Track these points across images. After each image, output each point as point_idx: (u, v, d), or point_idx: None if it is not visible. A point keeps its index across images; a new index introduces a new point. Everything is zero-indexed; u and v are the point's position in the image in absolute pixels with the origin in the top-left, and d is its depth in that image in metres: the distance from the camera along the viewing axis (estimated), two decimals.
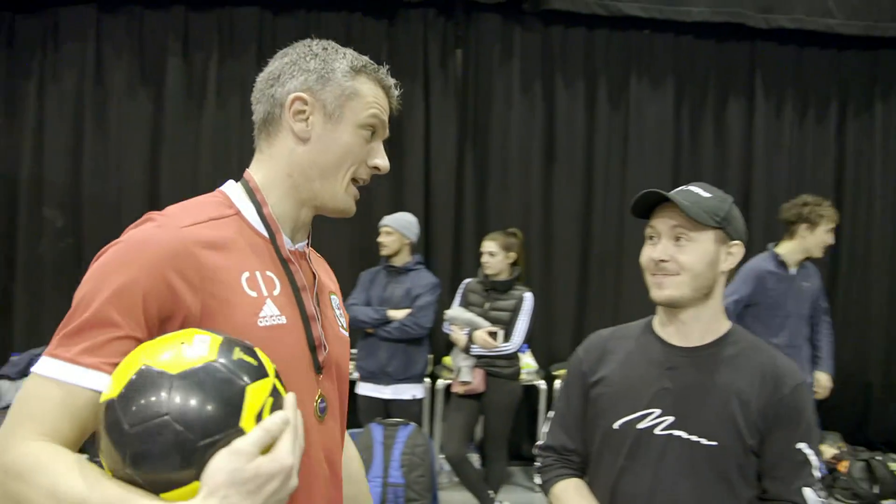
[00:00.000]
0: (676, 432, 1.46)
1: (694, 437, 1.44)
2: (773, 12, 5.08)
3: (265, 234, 1.10)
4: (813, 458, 1.45)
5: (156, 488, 0.79)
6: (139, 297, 0.92)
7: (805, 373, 3.61)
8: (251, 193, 1.12)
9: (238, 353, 0.85)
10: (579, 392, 1.62)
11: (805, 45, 5.35)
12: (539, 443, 1.70)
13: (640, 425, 1.49)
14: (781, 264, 3.70)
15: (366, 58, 1.17)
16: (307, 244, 1.21)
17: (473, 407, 3.91)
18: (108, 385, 0.84)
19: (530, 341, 4.53)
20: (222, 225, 1.05)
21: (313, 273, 1.19)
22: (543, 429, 1.70)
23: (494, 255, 3.89)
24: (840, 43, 5.34)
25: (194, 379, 0.80)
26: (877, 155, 5.46)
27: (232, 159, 4.88)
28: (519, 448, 5.05)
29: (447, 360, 4.48)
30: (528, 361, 4.71)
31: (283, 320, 1.05)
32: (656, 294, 1.51)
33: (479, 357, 3.84)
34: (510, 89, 5.13)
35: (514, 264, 3.99)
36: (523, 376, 4.23)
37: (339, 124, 1.11)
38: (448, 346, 4.27)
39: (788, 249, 3.72)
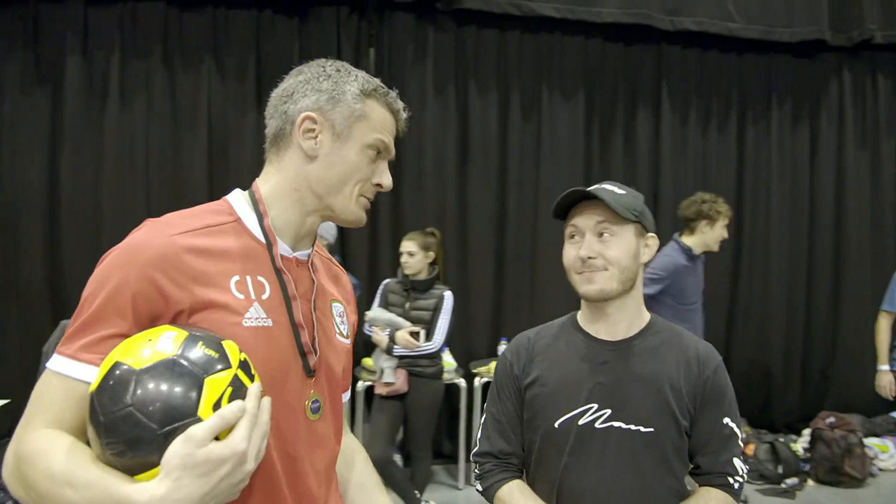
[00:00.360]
0: (616, 423, 1.51)
1: (632, 427, 1.50)
2: (679, 14, 5.29)
3: (264, 241, 1.16)
4: (737, 430, 1.56)
5: (130, 471, 0.88)
6: (129, 297, 1.01)
7: None
8: (255, 203, 1.18)
9: (200, 346, 0.93)
10: (512, 395, 1.64)
11: (707, 48, 5.61)
12: (475, 450, 1.70)
13: (581, 421, 1.53)
14: (691, 256, 3.87)
15: (377, 81, 1.22)
16: (311, 253, 1.25)
17: (397, 408, 3.89)
18: (94, 379, 0.93)
19: (448, 340, 4.56)
20: (218, 232, 1.12)
21: (313, 280, 1.23)
22: (477, 435, 1.71)
23: (414, 254, 3.89)
24: (739, 47, 5.62)
25: (155, 373, 0.88)
26: (773, 157, 5.78)
27: (137, 161, 4.69)
28: (440, 447, 5.07)
29: (368, 361, 4.44)
30: (447, 360, 4.72)
31: (269, 323, 1.11)
32: (587, 289, 1.54)
33: (401, 357, 3.83)
34: (424, 89, 5.13)
35: (433, 263, 4.00)
36: (444, 375, 4.24)
37: (346, 143, 1.17)
38: (368, 347, 4.24)
39: (692, 243, 3.90)
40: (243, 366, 0.96)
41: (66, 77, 4.63)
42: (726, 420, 1.54)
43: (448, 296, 3.92)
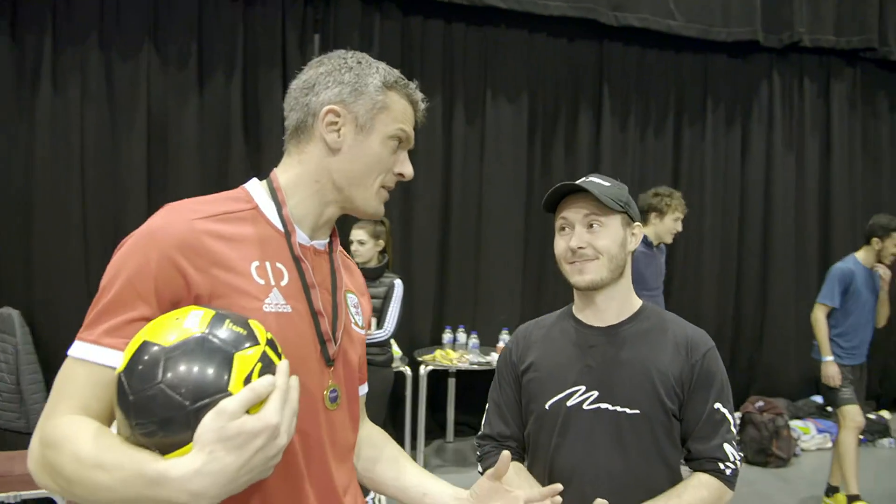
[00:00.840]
0: (603, 405, 1.56)
1: (619, 408, 1.55)
2: (623, 10, 5.42)
3: (282, 230, 1.15)
4: (729, 416, 1.59)
5: (161, 450, 0.87)
6: (151, 280, 1.00)
7: None
8: (273, 192, 1.17)
9: (228, 325, 0.92)
10: (511, 380, 1.71)
11: (648, 47, 5.78)
12: (479, 433, 1.76)
13: (569, 403, 1.58)
14: (648, 243, 4.04)
15: (397, 72, 1.22)
16: (329, 242, 1.25)
17: None
18: (120, 361, 0.92)
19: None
20: (236, 218, 1.11)
21: (333, 269, 1.23)
22: (483, 420, 1.76)
23: (364, 243, 3.89)
24: (678, 46, 5.82)
25: (185, 349, 0.87)
26: (707, 156, 6.03)
27: (72, 147, 4.51)
28: None
29: None
30: (393, 348, 4.73)
31: (289, 309, 1.11)
32: (578, 280, 1.59)
33: None
34: None
35: (382, 252, 4.00)
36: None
37: (369, 135, 1.17)
38: None
39: (647, 233, 4.04)
40: (271, 344, 0.95)
41: None
42: (717, 405, 1.57)
43: (398, 284, 3.93)
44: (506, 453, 1.29)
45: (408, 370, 4.82)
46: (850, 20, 6.03)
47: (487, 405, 1.77)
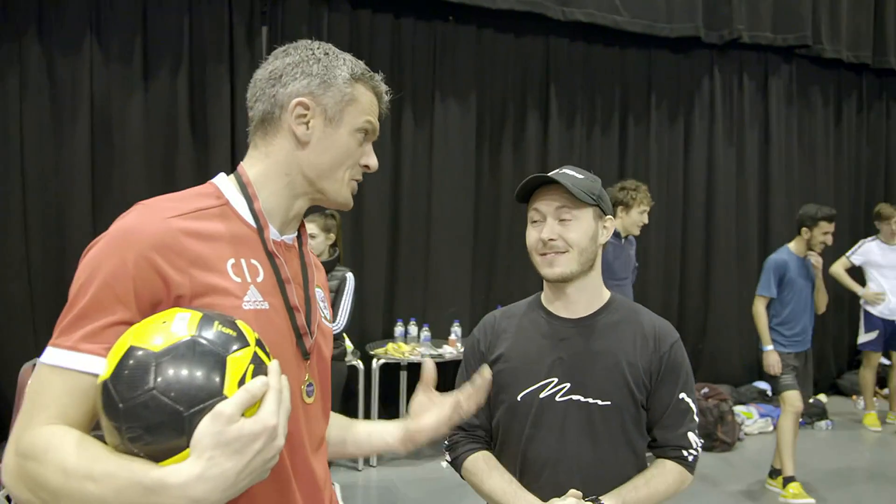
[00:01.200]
0: (574, 397, 1.58)
1: (590, 400, 1.58)
2: (570, 5, 5.51)
3: (254, 225, 1.14)
4: (693, 406, 1.64)
5: (155, 458, 0.84)
6: (130, 282, 0.97)
7: None
8: (243, 187, 1.15)
9: (217, 326, 0.90)
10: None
11: (593, 42, 5.89)
12: None
13: (542, 394, 1.60)
14: (616, 235, 4.11)
15: (362, 64, 1.21)
16: (297, 236, 1.24)
17: None
18: (103, 367, 0.89)
19: None
20: (208, 215, 1.09)
21: (304, 264, 1.23)
22: None
23: (315, 236, 3.87)
24: (623, 41, 5.94)
25: (176, 353, 0.85)
26: (651, 152, 6.18)
27: (11, 142, 4.39)
28: None
29: None
30: (346, 342, 4.72)
31: (266, 306, 1.10)
32: (548, 272, 1.60)
33: None
34: None
35: (333, 245, 3.99)
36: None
37: (338, 128, 1.16)
38: None
39: (616, 225, 4.08)
40: (259, 343, 0.94)
41: None
42: (682, 395, 1.61)
43: (350, 277, 3.92)
44: (429, 362, 1.34)
45: (360, 364, 4.82)
46: (786, 18, 6.25)
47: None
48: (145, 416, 0.82)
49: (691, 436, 1.63)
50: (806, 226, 4.27)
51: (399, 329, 5.31)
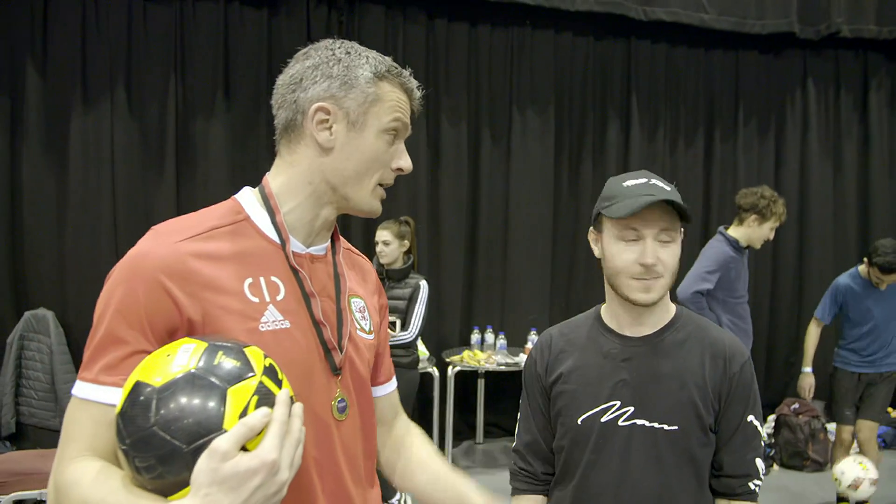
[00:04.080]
0: (639, 421, 1.49)
1: (656, 424, 1.48)
2: (652, 4, 5.31)
3: (276, 240, 1.11)
4: (760, 429, 1.53)
5: (163, 492, 0.85)
6: (141, 310, 0.96)
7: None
8: (266, 200, 1.12)
9: (220, 358, 0.89)
10: (536, 392, 1.64)
11: (676, 44, 5.69)
12: (514, 446, 1.70)
13: (604, 418, 1.51)
14: (737, 248, 3.82)
15: (389, 60, 1.15)
16: (330, 245, 1.20)
17: None
18: (119, 400, 0.89)
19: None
20: (225, 233, 1.07)
21: (336, 274, 1.19)
22: (515, 431, 1.71)
23: (389, 243, 3.90)
24: (708, 42, 5.72)
25: (175, 389, 0.85)
26: (740, 163, 5.92)
27: (104, 167, 4.61)
28: None
29: None
30: (420, 349, 4.74)
31: (287, 325, 1.07)
32: (643, 297, 1.48)
33: None
34: None
35: (407, 252, 4.01)
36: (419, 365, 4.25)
37: (362, 131, 1.11)
38: None
39: (738, 235, 3.84)
40: (269, 372, 0.91)
41: None
42: (750, 417, 1.51)
43: (424, 285, 3.92)
44: None
45: (435, 371, 4.82)
46: (893, 7, 5.77)
47: (519, 415, 1.71)
48: (148, 452, 0.83)
49: (758, 462, 1.52)
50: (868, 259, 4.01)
51: (475, 336, 5.28)
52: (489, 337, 5.28)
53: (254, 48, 4.85)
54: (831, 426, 5.29)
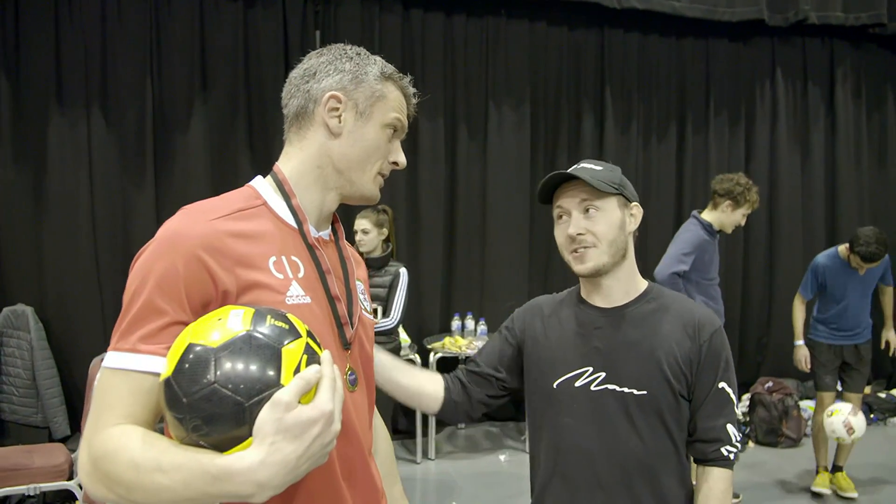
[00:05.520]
0: (610, 386, 1.57)
1: (626, 389, 1.56)
2: None
3: (293, 223, 1.19)
4: (733, 396, 1.60)
5: (219, 447, 0.90)
6: (181, 284, 1.02)
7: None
8: (280, 185, 1.21)
9: (270, 320, 0.95)
10: (505, 336, 1.77)
11: (648, 32, 5.78)
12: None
13: (577, 383, 1.60)
14: (710, 232, 3.92)
15: (392, 66, 1.28)
16: (331, 232, 1.30)
17: None
18: (164, 366, 0.95)
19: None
20: (249, 215, 1.14)
21: (342, 258, 1.29)
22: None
23: (368, 232, 3.94)
24: (679, 29, 5.82)
25: (234, 348, 0.90)
26: (711, 148, 6.03)
27: (81, 149, 4.59)
28: (396, 423, 5.16)
29: None
30: (402, 336, 4.79)
31: (308, 300, 1.15)
32: (579, 268, 1.60)
33: None
34: None
35: (386, 241, 4.05)
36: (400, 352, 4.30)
37: (367, 122, 1.22)
38: None
39: (711, 219, 3.95)
40: (311, 335, 0.99)
41: None
42: (722, 384, 1.58)
43: (404, 272, 3.97)
44: None
45: (417, 357, 4.87)
46: None
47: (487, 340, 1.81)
48: (208, 409, 0.88)
49: (731, 428, 1.58)
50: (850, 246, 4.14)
51: (456, 323, 5.34)
52: (469, 323, 5.35)
53: (230, 40, 4.85)
54: (804, 403, 5.45)
